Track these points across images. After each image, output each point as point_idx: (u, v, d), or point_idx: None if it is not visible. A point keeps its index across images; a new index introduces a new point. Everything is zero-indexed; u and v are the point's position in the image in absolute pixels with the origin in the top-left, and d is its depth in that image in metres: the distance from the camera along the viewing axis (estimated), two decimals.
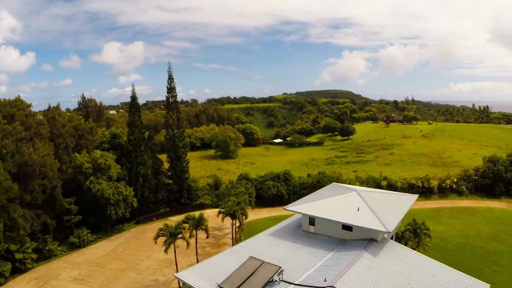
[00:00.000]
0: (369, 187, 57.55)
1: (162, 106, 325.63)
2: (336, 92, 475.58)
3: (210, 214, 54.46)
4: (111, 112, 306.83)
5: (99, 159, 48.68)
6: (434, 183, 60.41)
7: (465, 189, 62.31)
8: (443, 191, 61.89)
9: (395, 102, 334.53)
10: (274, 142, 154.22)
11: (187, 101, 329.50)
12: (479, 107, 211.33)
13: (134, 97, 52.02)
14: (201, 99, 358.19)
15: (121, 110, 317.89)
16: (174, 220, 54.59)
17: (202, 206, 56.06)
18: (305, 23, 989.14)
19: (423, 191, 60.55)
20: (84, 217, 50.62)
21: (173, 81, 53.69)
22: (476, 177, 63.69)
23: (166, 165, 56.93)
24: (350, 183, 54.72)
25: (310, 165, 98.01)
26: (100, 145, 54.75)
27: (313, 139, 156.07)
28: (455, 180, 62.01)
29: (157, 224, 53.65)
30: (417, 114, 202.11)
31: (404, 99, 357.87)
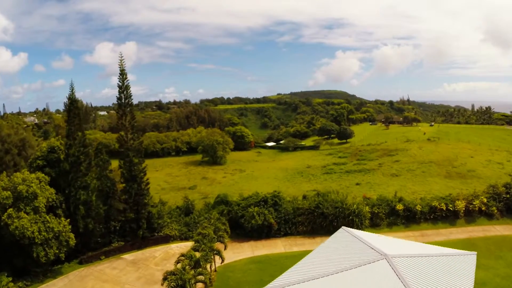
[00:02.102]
0: (381, 212, 44.24)
1: (154, 107, 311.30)
2: (331, 92, 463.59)
3: (176, 251, 40.75)
4: (102, 113, 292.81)
5: (20, 185, 34.83)
6: (461, 205, 47.15)
7: (495, 211, 49.09)
8: (470, 214, 48.61)
9: (391, 102, 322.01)
10: (267, 146, 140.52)
11: (180, 102, 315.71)
12: (480, 107, 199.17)
13: (72, 100, 38.15)
14: (195, 100, 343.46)
15: (112, 111, 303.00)
16: (128, 258, 40.87)
17: (167, 239, 42.36)
18: (299, 23, 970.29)
19: (447, 214, 47.26)
20: (7, 258, 36.90)
21: (126, 78, 39.84)
22: (508, 196, 50.50)
23: (121, 185, 43.12)
24: (358, 209, 41.39)
25: (306, 175, 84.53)
26: (34, 161, 40.87)
27: (308, 142, 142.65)
28: (485, 200, 48.75)
29: (106, 265, 39.90)
30: (418, 115, 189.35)
31: (399, 99, 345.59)
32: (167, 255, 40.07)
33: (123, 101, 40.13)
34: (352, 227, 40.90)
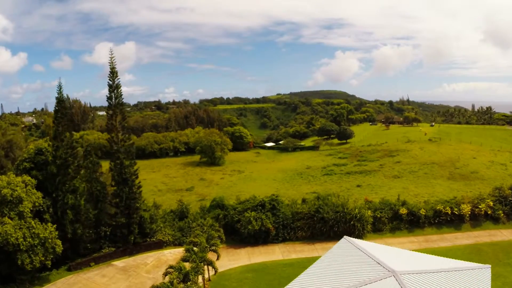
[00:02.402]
0: (384, 216, 42.24)
1: (153, 107, 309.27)
2: (330, 93, 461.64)
3: (169, 258, 38.82)
4: (101, 113, 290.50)
5: (4, 188, 32.88)
6: (466, 209, 45.17)
7: (502, 214, 47.11)
8: (476, 218, 46.62)
9: (391, 102, 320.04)
10: (266, 146, 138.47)
11: (179, 102, 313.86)
12: (481, 107, 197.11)
13: (60, 99, 36.16)
14: (195, 100, 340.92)
15: (110, 112, 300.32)
16: (119, 265, 38.88)
17: (160, 245, 40.39)
18: (298, 23, 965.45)
19: (452, 218, 45.30)
20: None
21: (116, 76, 37.89)
22: None
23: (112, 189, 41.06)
24: (359, 213, 39.41)
25: (305, 176, 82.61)
26: (20, 163, 38.91)
27: (307, 142, 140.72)
28: (491, 203, 46.77)
29: (96, 273, 37.90)
30: (419, 115, 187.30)
31: (399, 100, 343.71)
32: (159, 262, 38.10)
33: (113, 100, 38.16)
34: (353, 232, 39.02)
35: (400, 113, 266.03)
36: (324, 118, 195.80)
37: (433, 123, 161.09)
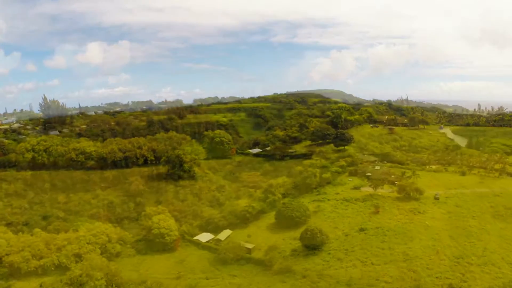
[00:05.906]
0: None
1: (144, 107, 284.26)
2: (327, 92, 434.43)
3: None
4: (90, 113, 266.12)
5: None
6: None
7: None
8: None
9: (389, 102, 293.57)
10: (250, 153, 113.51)
11: (170, 101, 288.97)
12: (492, 108, 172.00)
13: None
14: (190, 100, 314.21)
15: (99, 112, 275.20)
16: None
17: None
18: (293, 22, 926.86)
19: None
20: None
21: None
22: None
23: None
24: None
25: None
26: None
27: (300, 147, 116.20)
28: None
29: None
30: (425, 116, 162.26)
31: (397, 99, 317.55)
32: None
33: None
34: None
35: (400, 113, 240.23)
36: (320, 118, 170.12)
37: (442, 126, 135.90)
